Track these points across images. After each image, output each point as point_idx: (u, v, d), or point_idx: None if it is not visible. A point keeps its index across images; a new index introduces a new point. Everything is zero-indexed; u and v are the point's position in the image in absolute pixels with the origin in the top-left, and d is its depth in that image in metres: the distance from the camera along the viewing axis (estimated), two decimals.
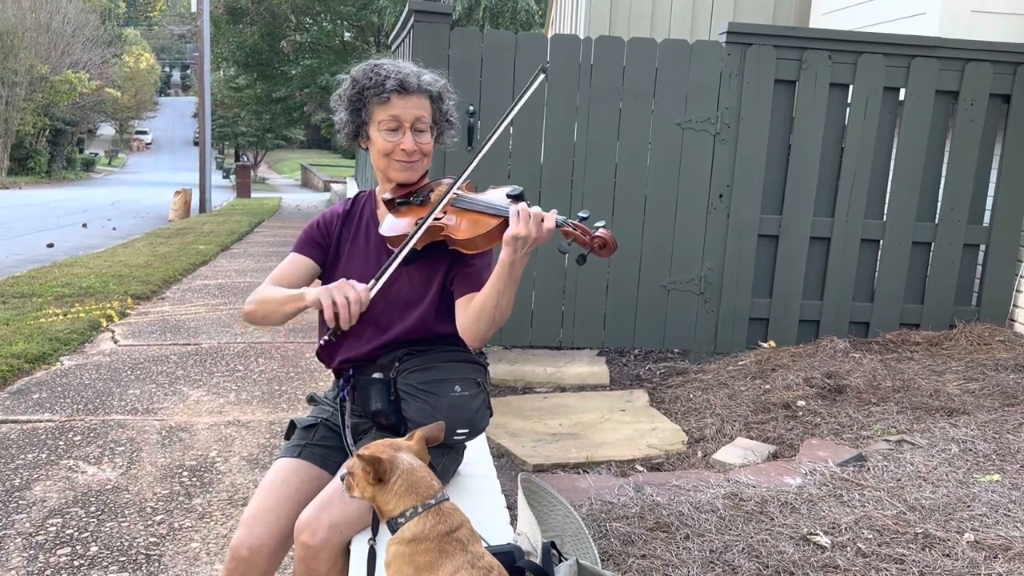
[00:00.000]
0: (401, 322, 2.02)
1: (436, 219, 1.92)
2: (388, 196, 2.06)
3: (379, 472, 1.48)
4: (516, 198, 1.85)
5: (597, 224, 1.81)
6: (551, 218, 1.77)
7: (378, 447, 1.53)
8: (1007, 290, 4.98)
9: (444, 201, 1.93)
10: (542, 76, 1.98)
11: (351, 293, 1.82)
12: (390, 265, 1.90)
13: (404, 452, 1.52)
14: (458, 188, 1.98)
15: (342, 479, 1.57)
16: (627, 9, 6.98)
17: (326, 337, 1.92)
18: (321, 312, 2.10)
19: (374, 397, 1.99)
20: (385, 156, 2.02)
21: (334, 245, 2.12)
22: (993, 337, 4.68)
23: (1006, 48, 4.77)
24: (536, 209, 1.77)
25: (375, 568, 1.70)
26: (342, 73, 2.12)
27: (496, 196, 1.93)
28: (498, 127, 2.01)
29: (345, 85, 2.06)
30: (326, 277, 2.12)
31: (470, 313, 1.90)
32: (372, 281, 1.89)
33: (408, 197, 2.04)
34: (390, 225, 2.01)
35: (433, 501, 1.47)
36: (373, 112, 2.01)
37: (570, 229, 1.80)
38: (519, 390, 4.57)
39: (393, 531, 1.47)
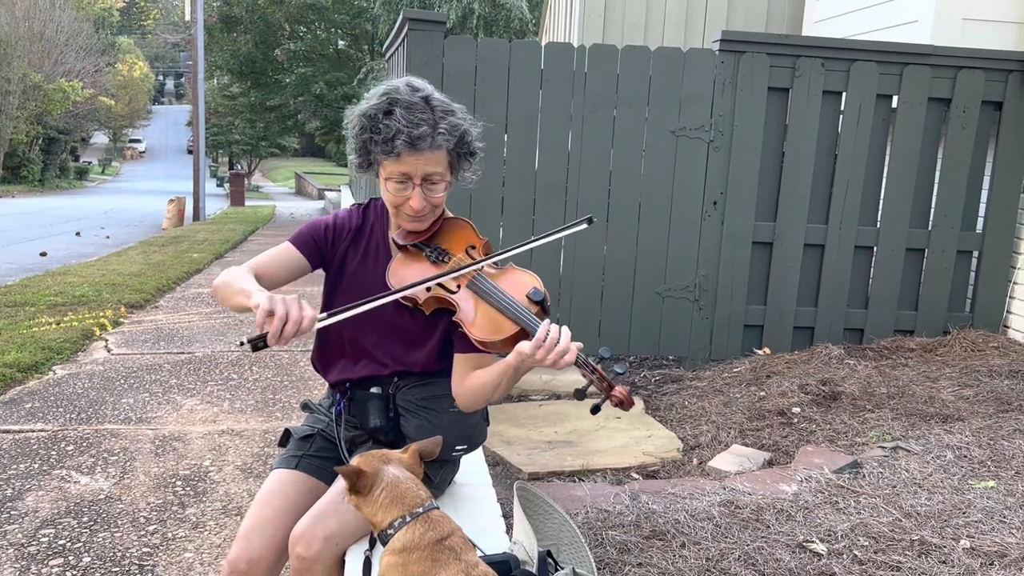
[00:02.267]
0: (400, 362, 1.97)
1: (451, 291, 1.82)
2: (400, 241, 1.93)
3: (357, 486, 1.47)
4: (539, 304, 1.77)
5: (616, 369, 1.72)
6: (571, 355, 1.66)
7: (367, 459, 1.52)
8: (1000, 296, 4.99)
9: (458, 272, 1.81)
10: (585, 224, 1.86)
11: (295, 312, 1.62)
12: (356, 307, 1.76)
13: (392, 465, 1.52)
14: (474, 250, 1.87)
15: None
16: (620, 17, 7.00)
17: (242, 340, 1.67)
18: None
19: (372, 413, 1.96)
20: (394, 207, 1.89)
21: (338, 260, 2.02)
22: (987, 343, 4.69)
23: (998, 55, 4.80)
24: (563, 341, 1.65)
25: None
26: (350, 104, 1.95)
27: (516, 290, 1.80)
28: (528, 243, 1.89)
29: (353, 122, 1.88)
30: (329, 287, 2.05)
31: (468, 388, 1.85)
32: (325, 315, 1.75)
33: (422, 245, 1.92)
34: (401, 277, 1.89)
35: (421, 510, 1.46)
36: (382, 161, 1.84)
37: (587, 372, 1.72)
38: (514, 398, 4.56)
39: (384, 543, 1.46)
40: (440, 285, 1.83)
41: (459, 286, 1.83)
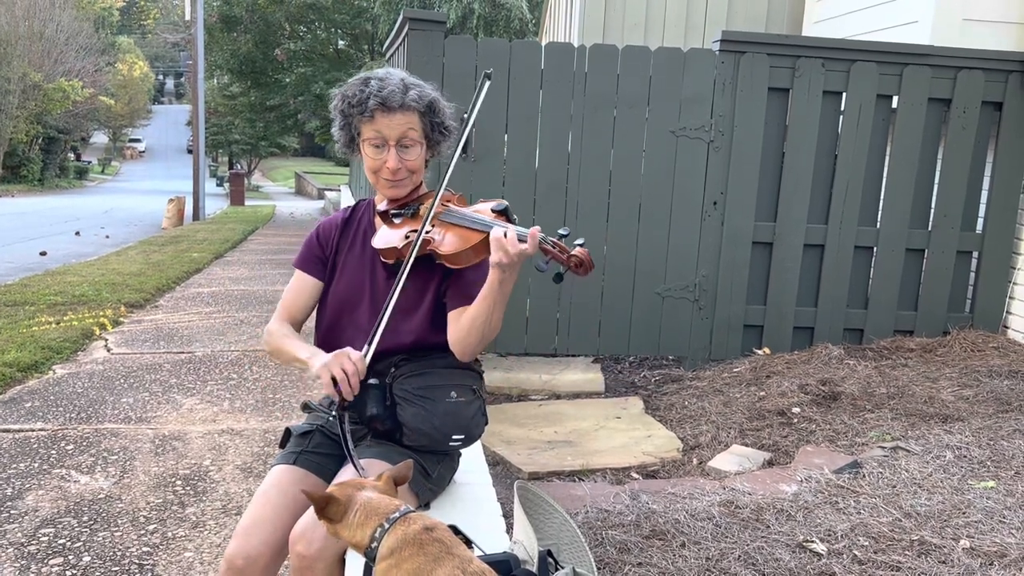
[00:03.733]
0: (395, 334, 2.00)
1: (426, 231, 1.92)
2: (382, 208, 2.06)
3: (327, 512, 1.46)
4: (501, 213, 1.85)
5: (576, 242, 1.80)
6: (533, 239, 1.75)
7: (341, 488, 1.51)
8: (1000, 296, 4.99)
9: (430, 216, 1.92)
10: (488, 83, 1.96)
11: (348, 365, 1.83)
12: (381, 320, 1.88)
13: (366, 490, 1.51)
14: (446, 201, 1.97)
15: None
16: (621, 17, 7.00)
17: (333, 414, 1.89)
18: (319, 316, 2.11)
19: (370, 403, 1.98)
20: (373, 173, 2.03)
21: (331, 258, 2.12)
22: (987, 343, 4.69)
23: (997, 56, 4.80)
24: (514, 233, 1.75)
25: None
26: (336, 87, 2.13)
27: (483, 210, 1.93)
28: (460, 138, 2.01)
29: (336, 99, 2.05)
30: (326, 282, 2.12)
31: (461, 328, 1.91)
32: (365, 347, 1.89)
33: (402, 208, 2.04)
34: (383, 237, 2.01)
35: (398, 514, 1.45)
36: (360, 127, 2.01)
37: (548, 247, 1.80)
38: (514, 398, 4.56)
39: (373, 560, 1.44)
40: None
41: (433, 225, 1.94)
